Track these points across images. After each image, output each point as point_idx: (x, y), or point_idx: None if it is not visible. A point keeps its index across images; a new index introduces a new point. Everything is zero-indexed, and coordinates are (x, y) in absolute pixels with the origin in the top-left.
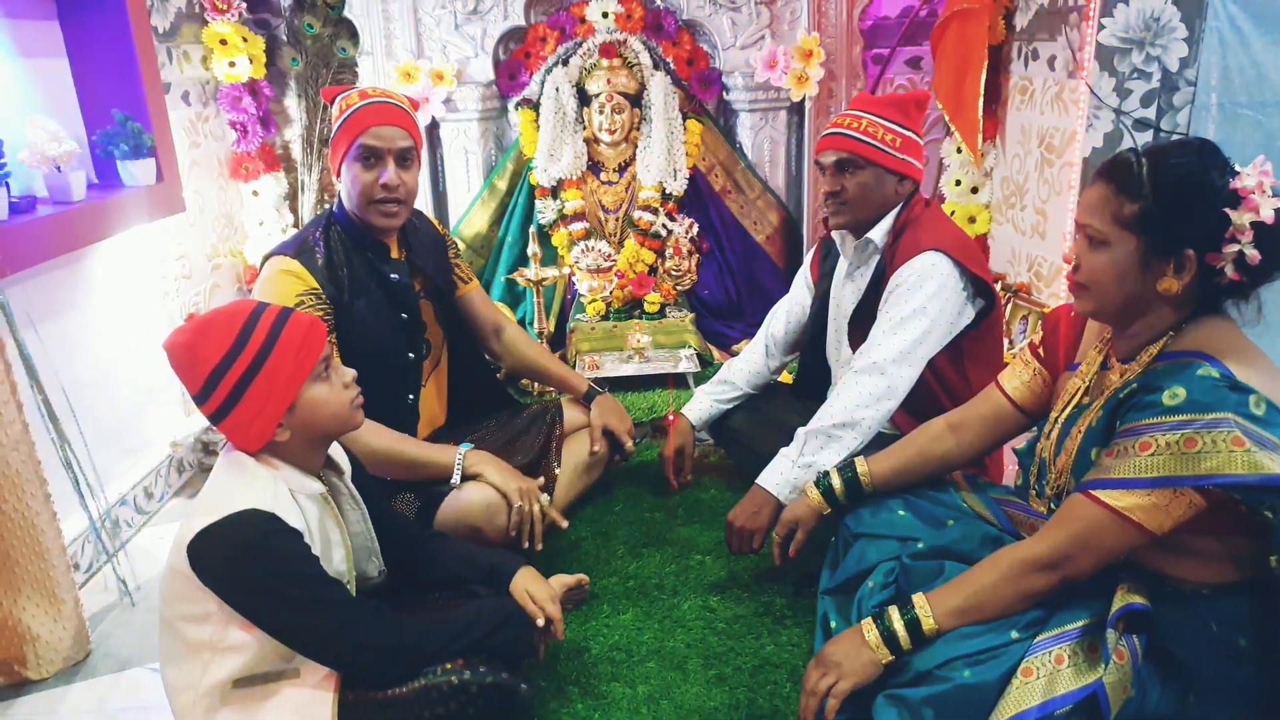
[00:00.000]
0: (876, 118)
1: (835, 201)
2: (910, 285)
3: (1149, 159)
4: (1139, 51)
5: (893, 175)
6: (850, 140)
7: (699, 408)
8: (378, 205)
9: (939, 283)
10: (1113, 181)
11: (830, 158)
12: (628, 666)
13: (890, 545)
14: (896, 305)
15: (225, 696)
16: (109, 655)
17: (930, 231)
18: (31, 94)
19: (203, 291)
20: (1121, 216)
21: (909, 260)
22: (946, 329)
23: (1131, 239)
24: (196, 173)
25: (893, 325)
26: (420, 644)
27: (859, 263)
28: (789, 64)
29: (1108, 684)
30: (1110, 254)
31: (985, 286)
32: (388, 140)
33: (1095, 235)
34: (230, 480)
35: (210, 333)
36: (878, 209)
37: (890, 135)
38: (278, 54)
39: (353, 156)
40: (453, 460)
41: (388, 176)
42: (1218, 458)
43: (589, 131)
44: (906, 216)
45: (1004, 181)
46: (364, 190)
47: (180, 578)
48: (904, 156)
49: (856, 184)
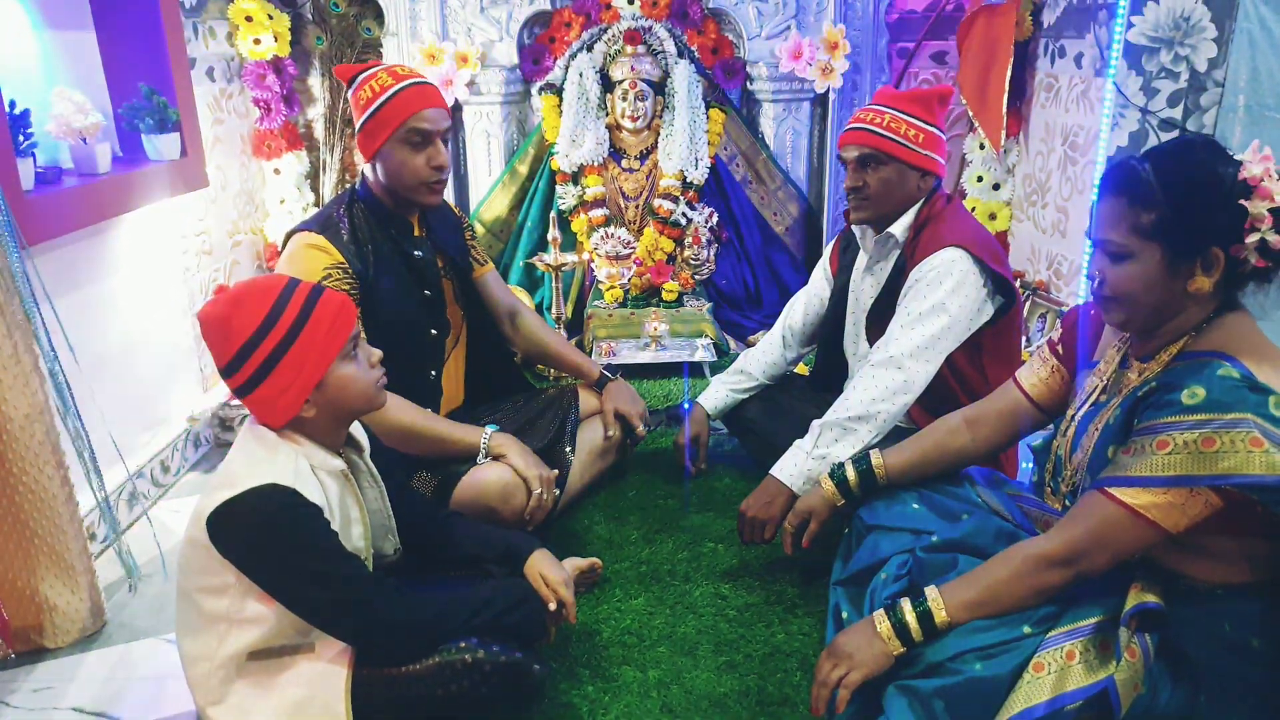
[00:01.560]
0: (900, 113)
1: (857, 197)
2: (930, 281)
3: (1154, 165)
4: (1167, 51)
5: (915, 171)
6: (873, 136)
7: (715, 397)
8: (430, 185)
9: (959, 279)
10: (1124, 194)
11: (852, 153)
12: (639, 651)
13: (904, 538)
14: (915, 300)
15: (241, 668)
16: (124, 626)
17: (952, 227)
18: (58, 66)
19: (222, 268)
20: (1140, 227)
21: (929, 255)
22: (965, 325)
23: (1155, 247)
24: (219, 149)
25: (911, 320)
26: (436, 622)
27: (879, 257)
28: (814, 55)
29: (1119, 681)
30: (1136, 265)
31: (1005, 283)
32: (434, 122)
33: (1116, 249)
34: (252, 454)
35: (245, 305)
36: (899, 204)
37: (913, 131)
38: (303, 32)
39: (400, 139)
40: (478, 440)
41: (440, 158)
42: (1236, 458)
43: (611, 118)
44: (928, 212)
45: (1026, 179)
46: (415, 172)
47: (199, 550)
48: (927, 152)
49: (878, 179)
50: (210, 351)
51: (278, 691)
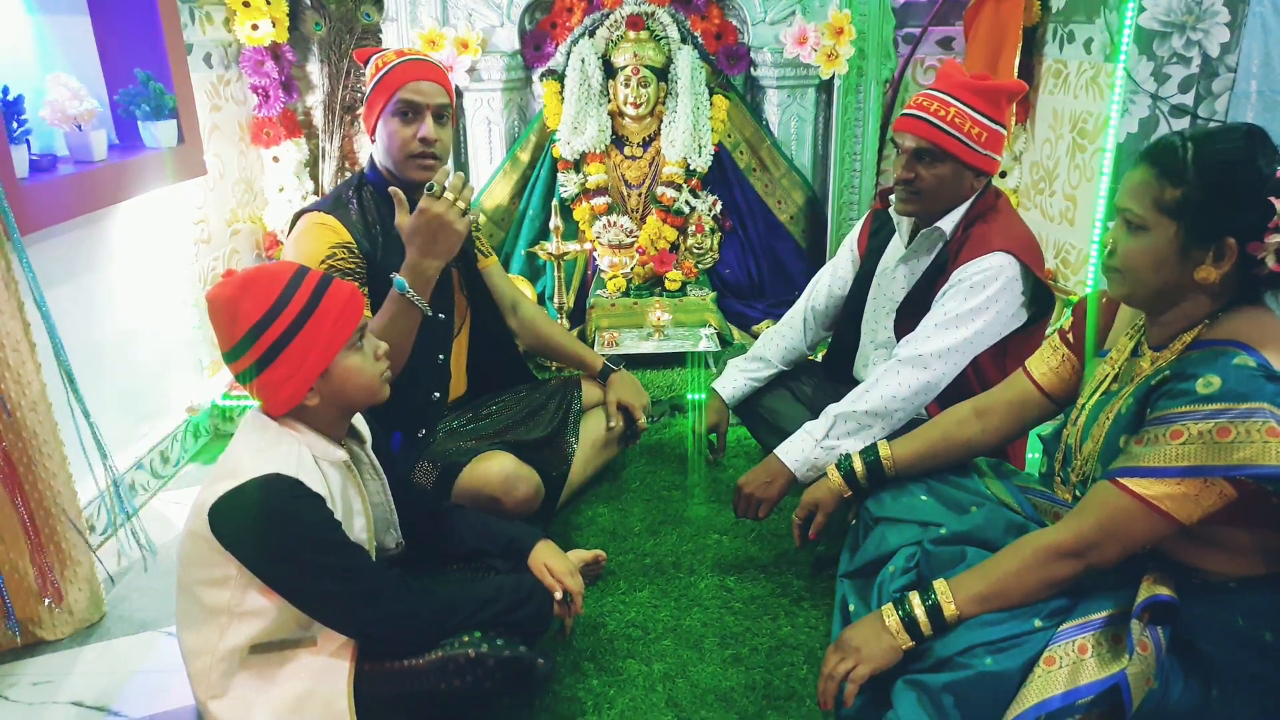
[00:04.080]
0: (966, 107)
1: (907, 189)
2: (975, 284)
3: (1195, 144)
4: (1179, 35)
5: (971, 170)
6: (934, 130)
7: (732, 384)
8: (416, 160)
9: (1003, 285)
10: (1156, 165)
11: (909, 142)
12: (644, 644)
13: (912, 530)
14: (955, 301)
15: (242, 662)
16: (124, 618)
17: (1003, 230)
18: (53, 51)
19: (221, 257)
20: (1163, 201)
21: (978, 257)
22: (998, 332)
23: (1171, 225)
24: (217, 136)
25: (948, 320)
26: (442, 616)
27: (921, 249)
28: (819, 41)
29: (1131, 675)
30: (1149, 239)
31: (1046, 292)
32: (426, 95)
33: (1134, 220)
34: (254, 444)
35: (253, 289)
36: (949, 202)
37: (977, 129)
38: (301, 18)
39: (390, 111)
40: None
41: (426, 130)
42: (1251, 448)
43: (614, 105)
44: (980, 208)
45: (1033, 166)
46: (403, 145)
47: (200, 541)
48: (987, 152)
49: (933, 175)
50: (216, 334)
51: (279, 685)
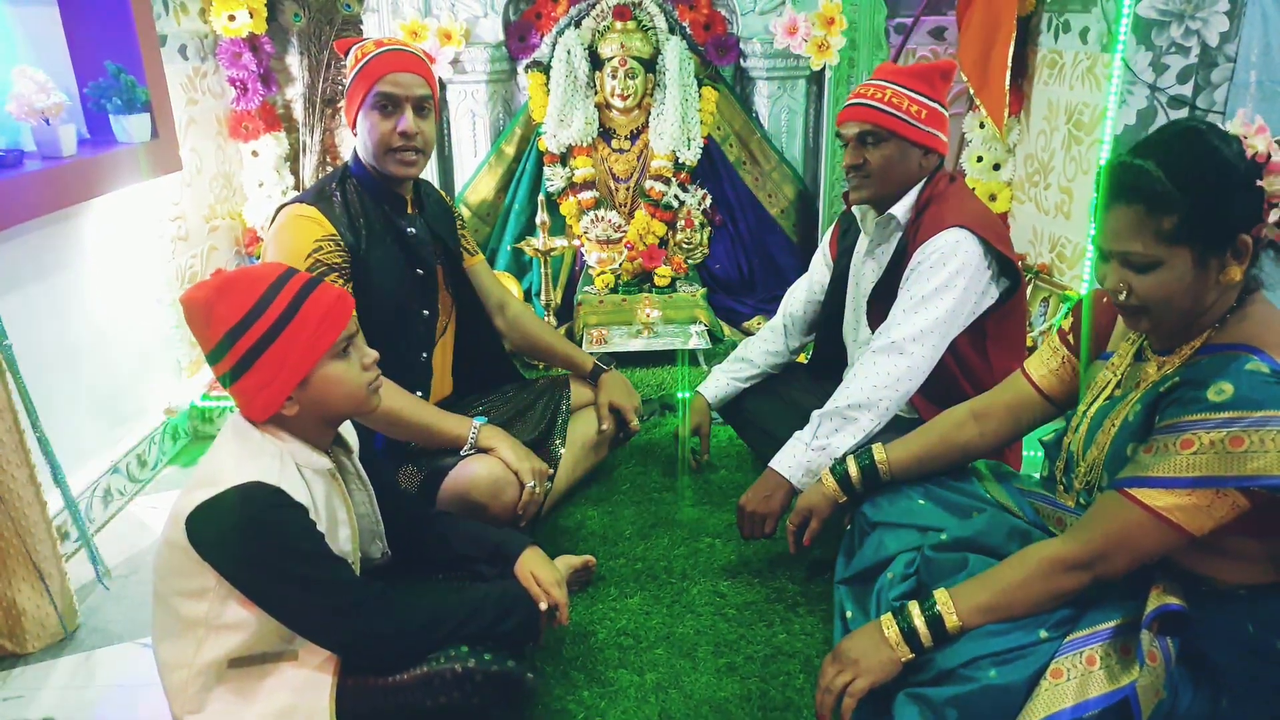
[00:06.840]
0: (901, 88)
1: (857, 175)
2: (933, 262)
3: (1161, 164)
4: (1178, 24)
5: (917, 148)
6: (873, 111)
7: (716, 386)
8: (396, 154)
9: (963, 260)
10: (1139, 201)
11: (852, 129)
12: (635, 653)
13: (910, 535)
14: (918, 283)
15: (220, 676)
16: (97, 630)
17: (955, 207)
18: (19, 42)
19: (199, 254)
20: (1164, 233)
21: (932, 237)
22: (970, 309)
23: (1184, 250)
24: (194, 131)
25: (914, 303)
26: (426, 630)
27: (880, 239)
28: (810, 31)
29: (1140, 687)
30: (1167, 272)
31: (1010, 265)
32: (405, 87)
33: (1140, 260)
34: (234, 451)
35: (231, 293)
36: (901, 183)
37: (915, 106)
38: (279, 9)
39: (370, 104)
40: (466, 431)
41: (405, 124)
42: (1265, 458)
43: (601, 96)
44: (930, 191)
45: (1028, 159)
46: (382, 138)
47: (177, 551)
48: (929, 129)
49: (880, 157)
50: (195, 337)
51: (259, 700)
